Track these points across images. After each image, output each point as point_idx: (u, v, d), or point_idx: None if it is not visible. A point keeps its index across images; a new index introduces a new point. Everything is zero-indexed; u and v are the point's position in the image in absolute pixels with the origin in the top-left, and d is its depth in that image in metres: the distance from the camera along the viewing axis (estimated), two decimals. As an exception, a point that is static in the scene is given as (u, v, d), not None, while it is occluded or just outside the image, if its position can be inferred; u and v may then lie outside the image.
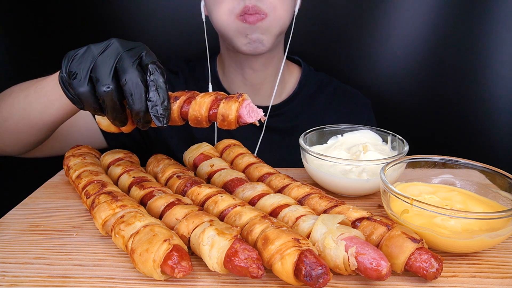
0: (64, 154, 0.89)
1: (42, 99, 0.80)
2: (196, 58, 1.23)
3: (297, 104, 1.20)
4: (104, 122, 0.75)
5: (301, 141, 0.84)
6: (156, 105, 0.64)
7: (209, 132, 1.16)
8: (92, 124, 1.08)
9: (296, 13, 1.09)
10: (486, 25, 1.28)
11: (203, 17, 1.10)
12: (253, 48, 1.02)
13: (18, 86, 0.89)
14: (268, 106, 1.16)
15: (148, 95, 0.64)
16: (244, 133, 1.15)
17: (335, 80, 1.29)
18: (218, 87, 1.18)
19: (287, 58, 1.18)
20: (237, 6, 0.97)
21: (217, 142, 1.14)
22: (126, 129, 0.72)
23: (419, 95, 1.42)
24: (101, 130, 1.08)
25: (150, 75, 0.64)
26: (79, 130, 1.08)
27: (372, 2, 1.37)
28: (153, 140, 1.20)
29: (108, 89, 0.62)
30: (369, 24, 1.41)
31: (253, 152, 1.14)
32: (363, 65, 1.44)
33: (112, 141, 1.14)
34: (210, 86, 1.11)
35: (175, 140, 1.17)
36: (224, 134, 1.14)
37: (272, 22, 1.00)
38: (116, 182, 0.79)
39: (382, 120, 1.30)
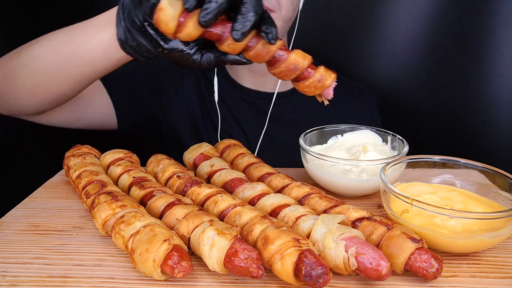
0: (73, 127, 0.88)
1: (94, 36, 0.73)
2: None
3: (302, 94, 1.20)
4: (171, 11, 0.61)
5: (301, 141, 0.84)
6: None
7: (214, 123, 1.17)
8: (108, 101, 1.09)
9: (300, 8, 1.10)
10: (486, 25, 1.28)
11: None
12: None
13: (46, 35, 0.81)
14: (273, 93, 1.16)
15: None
16: (248, 122, 1.17)
17: (341, 75, 1.30)
18: (224, 76, 1.19)
19: None
20: None
21: (220, 136, 1.15)
22: (191, 31, 0.63)
23: (419, 95, 1.42)
24: (117, 112, 1.10)
25: None
26: (97, 104, 1.07)
27: (373, 2, 1.38)
28: (162, 125, 1.20)
29: None
30: (369, 24, 1.41)
31: (257, 142, 1.15)
32: (363, 65, 1.45)
33: (123, 123, 1.14)
34: (215, 79, 1.11)
35: (184, 128, 1.18)
36: (227, 127, 1.15)
37: (277, 20, 1.01)
38: (116, 182, 0.79)
39: (382, 120, 1.30)
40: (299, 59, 0.66)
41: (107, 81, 1.09)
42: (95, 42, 0.74)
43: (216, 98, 1.13)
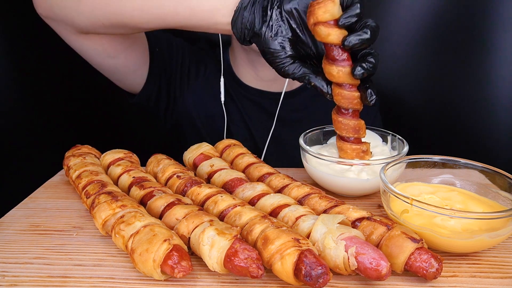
0: (100, 65, 0.88)
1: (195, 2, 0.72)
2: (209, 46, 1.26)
3: (308, 94, 1.21)
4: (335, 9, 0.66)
5: (301, 141, 0.84)
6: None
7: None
8: (145, 58, 1.08)
9: None
10: (486, 26, 1.28)
11: None
12: None
13: None
14: (278, 93, 1.17)
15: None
16: (255, 122, 1.17)
17: None
18: (232, 77, 1.20)
19: None
20: None
21: (226, 132, 1.16)
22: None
23: (419, 95, 1.42)
24: (150, 69, 1.09)
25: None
26: (136, 51, 1.06)
27: (373, 2, 1.38)
28: (175, 113, 1.21)
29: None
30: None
31: (264, 142, 1.15)
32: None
33: (150, 82, 1.13)
34: (222, 79, 1.12)
35: (198, 116, 1.19)
36: (236, 127, 1.15)
37: None
38: (116, 182, 0.79)
39: (382, 120, 1.30)
40: (362, 129, 0.76)
41: (154, 36, 1.08)
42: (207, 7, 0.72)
43: (222, 99, 1.13)
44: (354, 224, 0.62)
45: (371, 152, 0.80)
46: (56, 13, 0.85)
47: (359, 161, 0.78)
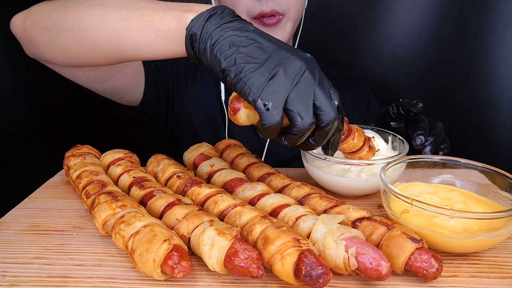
0: (96, 90, 0.88)
1: (146, 34, 0.68)
2: None
3: None
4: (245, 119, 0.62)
5: (301, 141, 0.84)
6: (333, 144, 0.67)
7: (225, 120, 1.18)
8: (139, 76, 1.07)
9: (305, 7, 1.11)
10: (486, 25, 1.28)
11: None
12: None
13: (110, 9, 0.73)
14: None
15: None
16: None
17: (335, 67, 1.32)
18: None
19: None
20: (253, 9, 0.99)
21: (228, 132, 1.16)
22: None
23: (419, 95, 1.42)
24: (146, 85, 1.08)
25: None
26: (129, 71, 1.04)
27: (374, 2, 1.38)
28: (175, 110, 1.21)
29: (311, 125, 0.58)
30: (369, 24, 1.41)
31: (265, 142, 1.15)
32: (363, 65, 1.45)
33: (148, 96, 1.12)
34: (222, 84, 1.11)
35: (198, 119, 1.19)
36: (236, 127, 1.15)
37: (287, 21, 1.02)
38: (116, 182, 0.79)
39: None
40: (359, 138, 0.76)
41: None
42: (159, 50, 0.69)
43: (223, 97, 1.13)
44: (354, 224, 0.62)
45: (375, 146, 0.82)
46: (38, 55, 0.87)
47: (359, 162, 0.78)
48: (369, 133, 0.92)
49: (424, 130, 0.84)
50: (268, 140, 1.16)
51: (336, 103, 0.60)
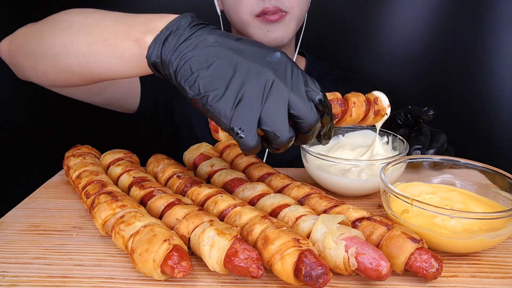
0: (92, 102, 0.89)
1: (112, 59, 0.68)
2: None
3: None
4: (226, 139, 0.66)
5: (301, 141, 0.84)
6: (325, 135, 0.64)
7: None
8: (134, 83, 1.07)
9: (308, 6, 1.11)
10: (486, 25, 1.28)
11: (218, 11, 1.11)
12: (274, 38, 1.03)
13: (81, 19, 0.73)
14: None
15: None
16: None
17: (336, 68, 1.32)
18: None
19: None
20: (257, 7, 1.00)
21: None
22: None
23: (419, 95, 1.42)
24: (142, 91, 1.08)
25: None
26: (123, 80, 1.04)
27: (374, 2, 1.38)
28: (175, 114, 1.21)
29: (290, 139, 0.56)
30: (369, 24, 1.41)
31: None
32: (363, 65, 1.45)
33: (145, 100, 1.12)
34: None
35: (198, 121, 1.19)
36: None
37: (291, 20, 1.02)
38: (116, 182, 0.79)
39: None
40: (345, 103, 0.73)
41: None
42: (125, 71, 0.69)
43: None
44: (354, 224, 0.62)
45: (384, 107, 0.76)
46: (27, 79, 0.88)
47: (359, 161, 0.78)
48: (369, 133, 0.92)
49: (423, 144, 0.81)
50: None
51: (317, 99, 0.56)
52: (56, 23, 0.75)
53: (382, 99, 0.77)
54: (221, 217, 0.64)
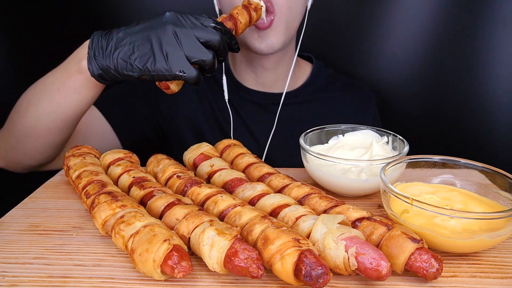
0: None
1: (73, 96, 0.83)
2: None
3: (310, 92, 1.22)
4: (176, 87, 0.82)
5: (301, 141, 0.84)
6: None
7: (220, 125, 1.19)
8: (106, 127, 1.11)
9: (308, 8, 1.10)
10: (486, 25, 1.28)
11: (217, 10, 1.11)
12: (266, 45, 1.03)
13: (31, 93, 0.89)
14: (281, 93, 1.17)
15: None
16: (256, 124, 1.18)
17: (342, 75, 1.32)
18: (231, 79, 1.19)
19: (298, 55, 1.19)
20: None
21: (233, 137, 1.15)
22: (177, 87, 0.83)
23: (419, 95, 1.42)
24: (117, 133, 1.12)
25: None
26: (95, 133, 1.08)
27: (374, 2, 1.38)
28: (170, 139, 1.21)
29: (214, 58, 0.75)
30: (369, 24, 1.41)
31: (266, 141, 1.15)
32: (363, 65, 1.45)
33: (126, 141, 1.15)
34: (224, 78, 1.11)
35: (191, 139, 1.18)
36: (237, 128, 1.15)
37: (280, 21, 1.01)
38: (116, 182, 0.79)
39: (383, 120, 1.30)
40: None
41: (102, 105, 1.09)
42: (89, 99, 0.85)
43: (226, 97, 1.13)
44: (354, 224, 0.62)
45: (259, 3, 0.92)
46: (21, 167, 0.99)
47: (359, 161, 0.78)
48: (369, 133, 0.92)
49: None
50: (267, 147, 1.16)
51: (211, 24, 0.76)
52: (19, 107, 0.90)
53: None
54: (221, 217, 0.64)
